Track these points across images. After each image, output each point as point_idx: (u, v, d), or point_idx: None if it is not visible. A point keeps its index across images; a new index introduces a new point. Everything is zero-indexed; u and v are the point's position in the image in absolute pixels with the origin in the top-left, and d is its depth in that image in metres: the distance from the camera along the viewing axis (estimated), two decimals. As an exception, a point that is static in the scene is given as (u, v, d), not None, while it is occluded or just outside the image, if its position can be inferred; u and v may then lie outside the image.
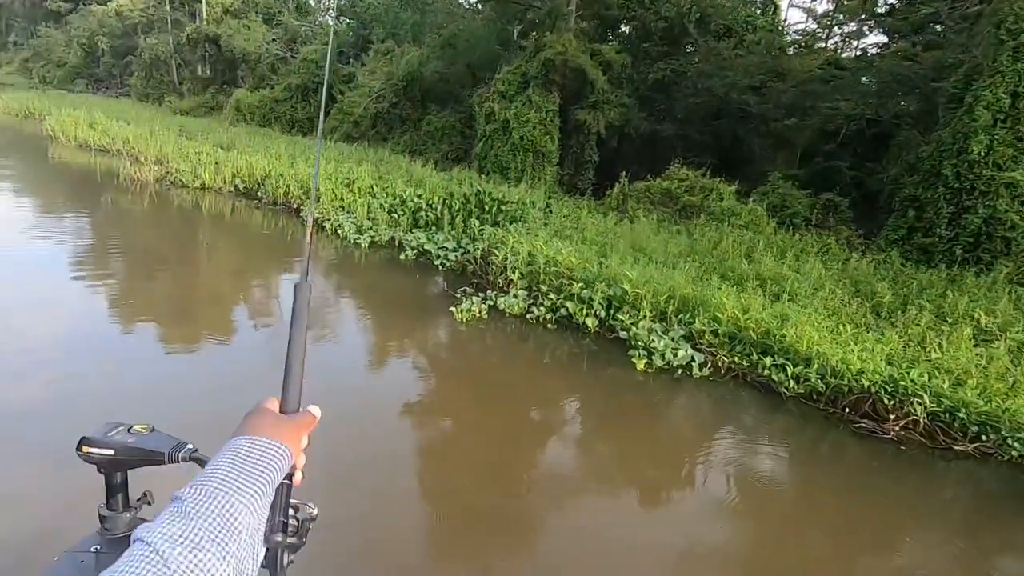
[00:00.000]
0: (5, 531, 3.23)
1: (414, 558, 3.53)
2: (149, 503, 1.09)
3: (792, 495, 4.57)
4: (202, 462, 1.00)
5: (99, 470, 1.02)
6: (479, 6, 23.79)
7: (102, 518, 1.04)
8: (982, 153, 10.74)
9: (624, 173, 14.62)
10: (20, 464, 3.71)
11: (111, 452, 0.99)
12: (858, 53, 28.12)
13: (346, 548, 3.27)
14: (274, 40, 29.59)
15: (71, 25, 47.41)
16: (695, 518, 4.19)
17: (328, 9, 34.90)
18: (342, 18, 33.24)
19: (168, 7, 35.15)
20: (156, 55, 35.04)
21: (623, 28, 20.49)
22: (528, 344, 6.91)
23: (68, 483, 3.14)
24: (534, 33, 20.70)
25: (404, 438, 4.77)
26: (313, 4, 35.73)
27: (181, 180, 13.63)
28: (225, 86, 32.16)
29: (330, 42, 19.09)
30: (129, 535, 1.02)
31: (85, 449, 0.99)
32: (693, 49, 18.35)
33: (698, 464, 4.91)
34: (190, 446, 1.03)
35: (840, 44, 29.99)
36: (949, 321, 7.80)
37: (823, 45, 25.46)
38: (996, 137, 10.69)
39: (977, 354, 6.36)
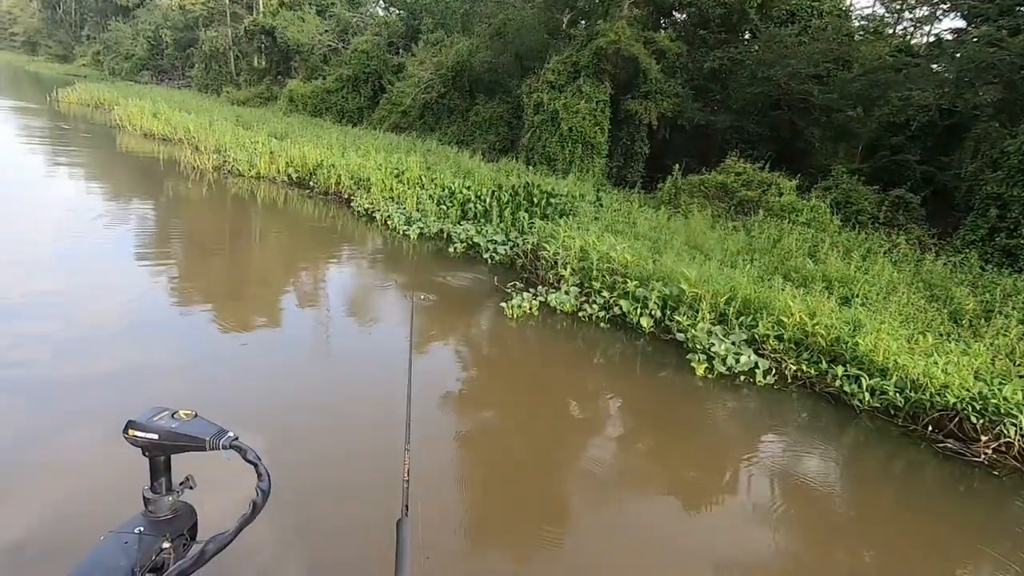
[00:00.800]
0: (61, 500, 3.28)
1: (458, 545, 3.41)
2: (191, 487, 1.10)
3: (865, 517, 4.19)
4: (242, 451, 1.02)
5: (144, 453, 1.04)
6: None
7: (146, 500, 1.06)
8: (1079, 147, 9.76)
9: (677, 166, 14.06)
10: (80, 432, 3.83)
11: (155, 436, 1.01)
12: (931, 39, 26.35)
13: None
14: (326, 31, 30.00)
15: (138, 19, 49.53)
16: (751, 534, 3.89)
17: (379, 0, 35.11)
18: (392, 9, 33.44)
19: (227, 1, 36.12)
20: (215, 47, 36.14)
21: (677, 15, 19.71)
22: (580, 343, 6.67)
23: (121, 457, 3.13)
24: (584, 22, 20.21)
25: (452, 431, 4.63)
26: (364, -5, 36.01)
27: (238, 169, 13.94)
28: (279, 77, 32.89)
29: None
30: (171, 518, 1.06)
31: (131, 432, 1.02)
32: (753, 36, 17.48)
33: (757, 477, 4.58)
34: (231, 434, 1.03)
35: (911, 30, 28.15)
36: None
37: (892, 31, 23.95)
38: (1096, 130, 9.69)
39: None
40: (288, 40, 29.65)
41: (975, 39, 14.69)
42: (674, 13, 19.49)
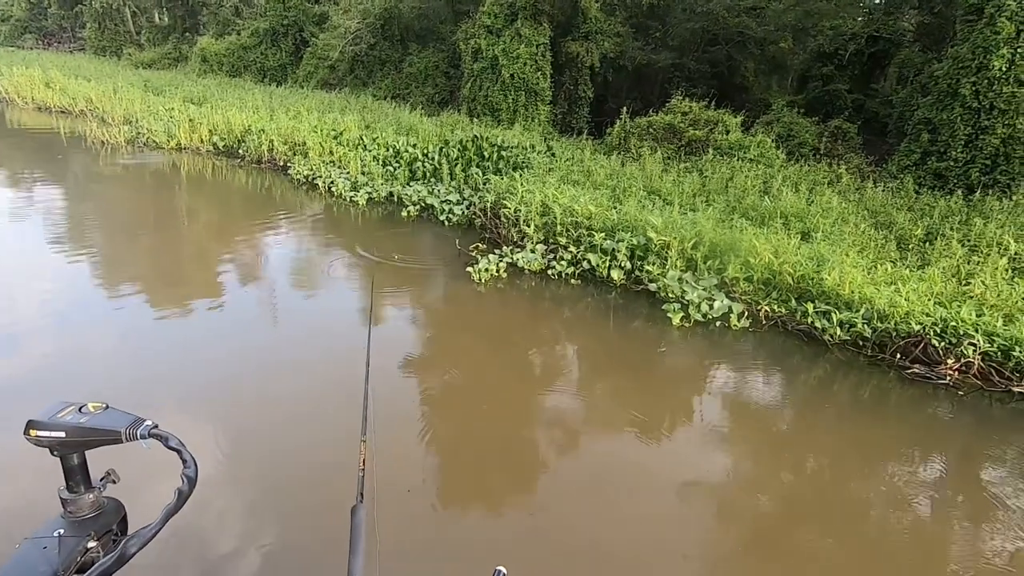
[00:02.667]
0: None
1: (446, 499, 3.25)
2: (114, 482, 1.05)
3: (851, 450, 4.29)
4: (163, 438, 0.97)
5: (52, 453, 0.98)
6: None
7: (63, 501, 1.01)
8: (1003, 68, 10.10)
9: (624, 109, 13.75)
10: None
11: (61, 434, 0.95)
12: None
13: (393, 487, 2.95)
14: (235, -21, 27.21)
15: (10, -26, 43.36)
16: (743, 473, 3.92)
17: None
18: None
19: (115, -51, 32.04)
20: (107, 4, 32.23)
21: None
22: (552, 302, 6.47)
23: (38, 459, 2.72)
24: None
25: (424, 406, 4.38)
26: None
27: (154, 141, 12.60)
28: (187, 34, 29.88)
29: None
30: (95, 515, 1.01)
31: (33, 432, 0.95)
32: (690, -31, 17.01)
33: (739, 416, 4.60)
34: (149, 422, 0.98)
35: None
36: (979, 250, 7.47)
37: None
38: (1019, 50, 10.02)
39: (1012, 283, 6.04)
40: (192, -9, 26.71)
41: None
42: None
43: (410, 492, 3.44)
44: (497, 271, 6.70)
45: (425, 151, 10.91)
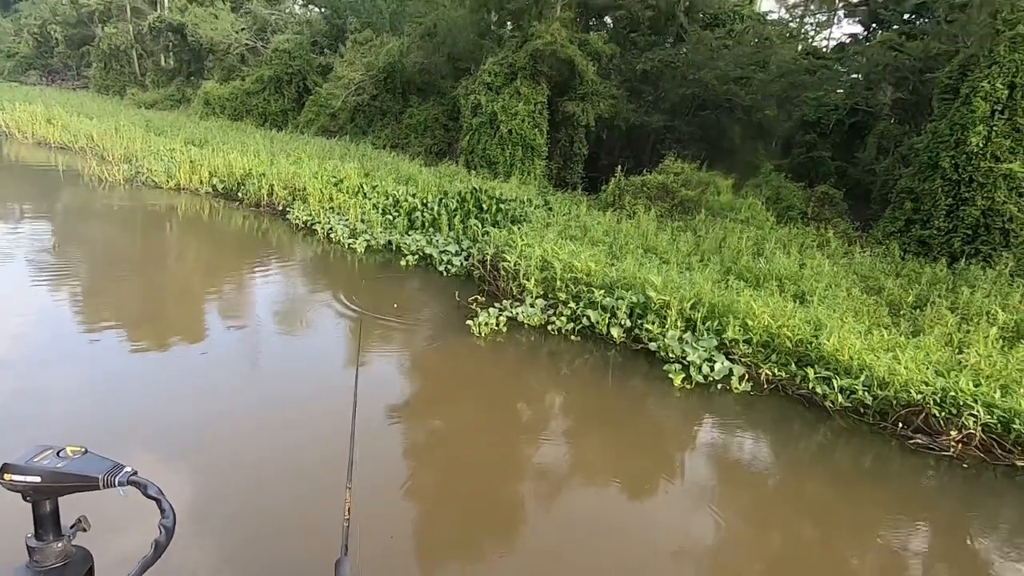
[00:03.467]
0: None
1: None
2: (84, 530, 1.00)
3: (851, 521, 4.19)
4: (141, 486, 0.94)
5: (24, 498, 0.94)
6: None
7: (30, 550, 0.96)
8: (980, 144, 10.59)
9: (619, 167, 14.12)
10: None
11: (36, 479, 0.92)
12: (829, 42, 28.23)
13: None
14: (243, 29, 28.09)
15: (20, 13, 44.41)
16: (745, 541, 3.78)
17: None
18: (311, 7, 31.79)
19: (127, -6, 33.09)
20: (115, 45, 32.96)
21: (607, 18, 19.91)
22: (552, 358, 6.40)
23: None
24: (510, 24, 19.93)
25: (431, 462, 4.23)
26: (282, -8, 34.05)
27: (153, 180, 12.61)
28: (192, 77, 30.51)
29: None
30: (61, 566, 0.95)
31: (7, 477, 0.92)
32: (680, 39, 17.91)
33: (750, 489, 4.50)
34: (128, 469, 0.96)
35: (811, 33, 30.06)
36: (969, 318, 7.60)
37: (799, 35, 25.38)
38: (994, 128, 10.54)
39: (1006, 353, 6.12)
40: (201, 38, 27.48)
41: (878, 43, 15.71)
42: (604, 16, 19.64)
43: (393, 539, 3.29)
44: (497, 325, 6.64)
45: (424, 201, 11.03)
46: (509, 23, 20.11)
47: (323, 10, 27.84)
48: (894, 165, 13.44)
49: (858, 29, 24.97)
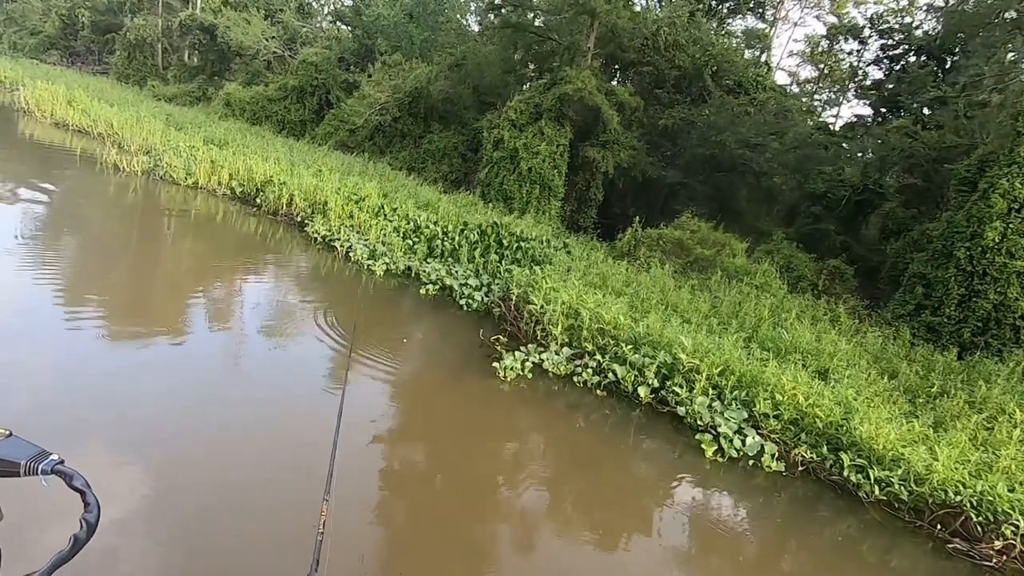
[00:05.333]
0: None
1: None
2: None
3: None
4: (67, 476, 0.89)
5: None
6: (489, 32, 23.22)
7: None
8: (996, 239, 10.70)
9: (637, 219, 14.12)
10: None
11: None
12: (837, 120, 29.12)
13: None
14: (273, 37, 28.29)
15: (52, -7, 44.53)
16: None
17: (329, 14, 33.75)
18: (339, 24, 32.24)
19: (161, -11, 33.34)
20: (141, 36, 33.02)
21: (634, 72, 20.31)
22: (578, 412, 6.13)
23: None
24: (533, 65, 20.24)
25: (427, 493, 3.90)
26: (316, 7, 34.53)
27: (172, 175, 12.33)
28: (215, 77, 30.53)
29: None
30: None
31: None
32: (704, 100, 18.26)
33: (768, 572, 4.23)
34: (54, 457, 0.90)
35: (819, 110, 31.01)
36: (986, 413, 7.48)
37: (811, 110, 26.14)
38: (1010, 225, 10.68)
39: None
40: (231, 41, 27.60)
41: (895, 128, 16.10)
42: (631, 69, 20.04)
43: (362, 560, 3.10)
44: (522, 370, 6.38)
45: (445, 230, 10.85)
46: (532, 64, 20.46)
47: (355, 30, 28.18)
48: (905, 248, 13.58)
49: (867, 111, 25.85)
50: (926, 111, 17.91)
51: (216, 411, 4.58)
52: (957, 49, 18.44)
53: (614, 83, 19.64)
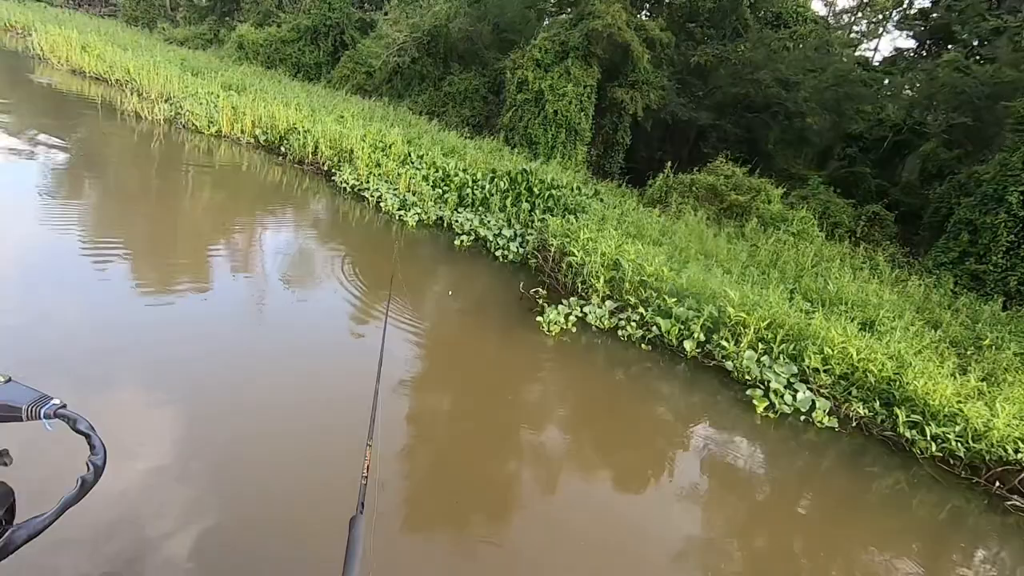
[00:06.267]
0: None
1: None
2: (6, 464, 0.91)
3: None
4: (70, 420, 0.89)
5: None
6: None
7: None
8: (1054, 183, 10.10)
9: (669, 164, 13.55)
10: None
11: None
12: (873, 53, 27.31)
13: None
14: (283, -27, 26.86)
15: (52, -70, 42.49)
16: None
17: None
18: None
19: (166, -76, 31.59)
20: (149, -25, 31.61)
21: (664, 5, 19.01)
22: (624, 367, 6.01)
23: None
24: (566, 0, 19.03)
25: (502, 466, 3.88)
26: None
27: (194, 124, 11.99)
28: (225, 18, 29.35)
29: None
30: None
31: None
32: (739, 35, 17.09)
33: (845, 534, 4.18)
34: (56, 401, 0.90)
35: (855, 39, 28.95)
36: (1037, 366, 7.23)
37: (853, 43, 24.46)
38: (1071, 169, 10.04)
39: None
40: (239, -22, 26.26)
41: (945, 62, 14.99)
42: (662, 2, 18.75)
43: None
44: (566, 323, 6.24)
45: (474, 177, 10.50)
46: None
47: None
48: (950, 192, 12.91)
49: (910, 44, 24.08)
50: (979, 43, 16.59)
51: (251, 361, 4.51)
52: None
53: (644, 17, 18.41)
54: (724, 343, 6.13)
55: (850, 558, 3.90)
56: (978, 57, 15.60)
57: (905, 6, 22.33)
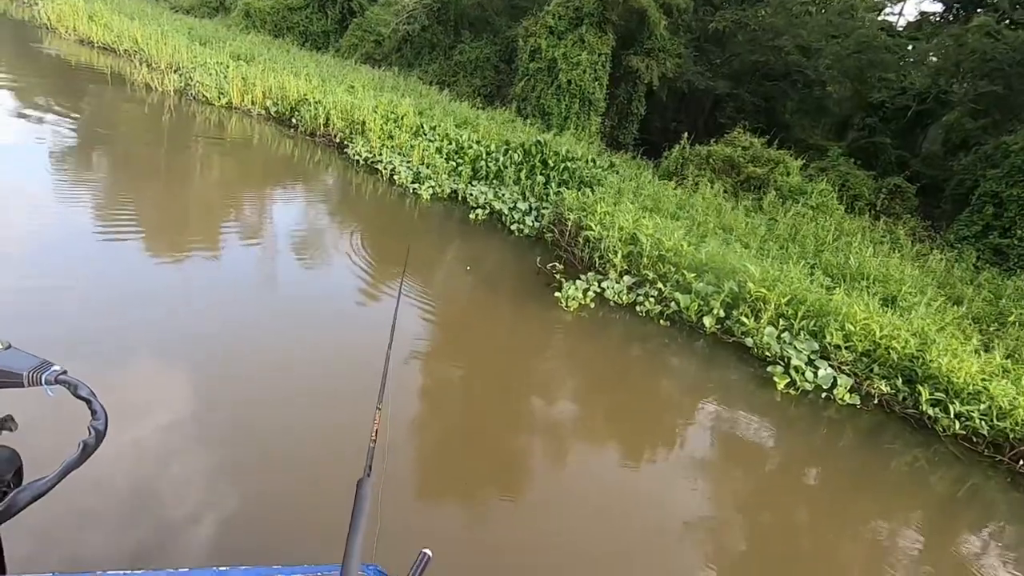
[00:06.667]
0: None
1: None
2: (11, 429, 0.92)
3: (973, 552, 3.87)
4: (71, 385, 0.90)
5: None
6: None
7: None
8: (1086, 156, 9.74)
9: (687, 135, 13.23)
10: None
11: None
12: (897, 17, 26.26)
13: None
14: (288, -63, 26.04)
15: None
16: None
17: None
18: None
19: None
20: (152, -60, 30.81)
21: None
22: (643, 343, 5.96)
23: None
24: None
25: (518, 439, 3.88)
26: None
27: (205, 95, 11.82)
28: (231, -15, 28.66)
29: None
30: None
31: None
32: (761, 0, 16.44)
33: (863, 512, 4.17)
34: (57, 367, 0.91)
35: (880, 5, 27.83)
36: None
37: (877, 8, 23.48)
38: (1104, 139, 9.66)
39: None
40: (244, -58, 25.52)
41: (975, 27, 14.35)
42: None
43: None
44: (584, 299, 6.17)
45: (488, 149, 10.31)
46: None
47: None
48: (976, 164, 12.52)
49: (936, 8, 23.10)
50: (1011, 6, 15.84)
51: (263, 331, 4.51)
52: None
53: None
54: (744, 319, 6.04)
55: (868, 533, 3.89)
56: (1009, 22, 14.90)
57: (934, -33, 21.33)
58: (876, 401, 5.47)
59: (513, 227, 8.20)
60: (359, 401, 3.61)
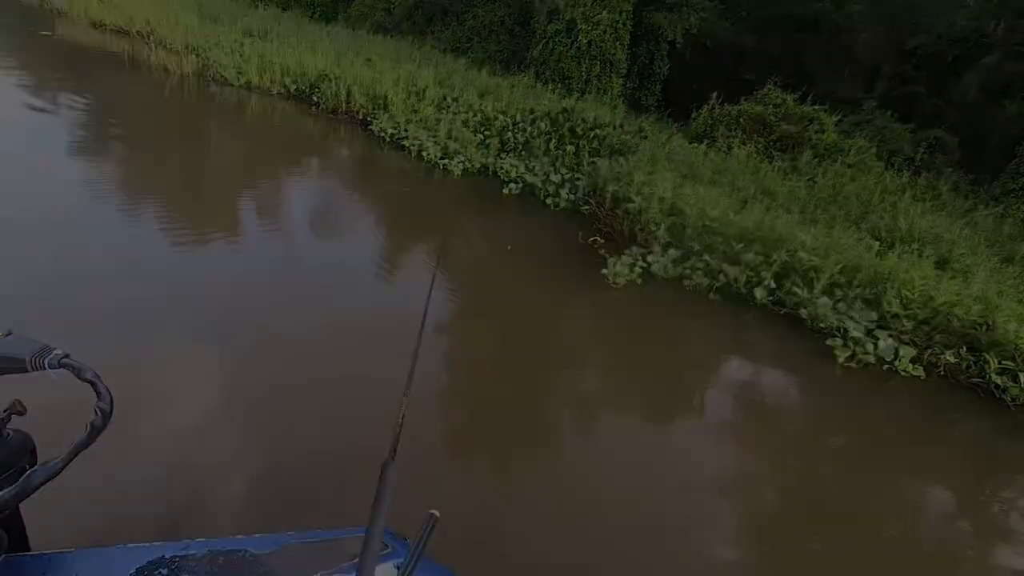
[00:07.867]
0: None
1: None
2: (20, 413, 0.95)
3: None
4: (76, 369, 0.90)
5: None
6: None
7: None
8: None
9: (715, 95, 12.66)
10: None
11: None
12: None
13: None
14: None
15: None
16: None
17: None
18: None
19: None
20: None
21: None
22: (696, 319, 5.76)
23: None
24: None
25: (573, 421, 3.79)
26: None
27: (223, 76, 11.54)
28: (234, -44, 27.74)
29: None
30: None
31: None
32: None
33: (937, 486, 4.04)
34: (59, 351, 0.92)
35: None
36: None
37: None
38: None
39: None
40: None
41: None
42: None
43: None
44: (631, 274, 5.98)
45: (514, 120, 9.96)
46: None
47: None
48: (1023, 111, 11.84)
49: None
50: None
51: (289, 312, 4.38)
52: None
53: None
54: (796, 289, 5.82)
55: (937, 506, 3.77)
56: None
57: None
58: (941, 371, 5.27)
59: (548, 200, 7.96)
60: (387, 386, 3.52)
